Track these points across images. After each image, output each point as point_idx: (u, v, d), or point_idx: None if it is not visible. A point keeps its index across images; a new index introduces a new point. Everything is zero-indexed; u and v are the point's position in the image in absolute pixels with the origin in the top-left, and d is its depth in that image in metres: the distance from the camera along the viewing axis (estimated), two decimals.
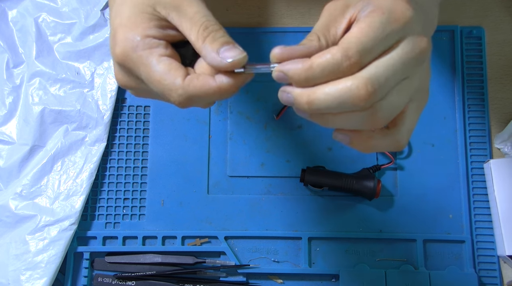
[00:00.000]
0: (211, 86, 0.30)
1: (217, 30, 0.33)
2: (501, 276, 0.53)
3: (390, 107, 0.29)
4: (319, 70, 0.28)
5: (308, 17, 0.59)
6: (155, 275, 0.53)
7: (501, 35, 0.58)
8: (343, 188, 0.52)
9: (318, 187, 0.53)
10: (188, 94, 0.30)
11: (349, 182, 0.52)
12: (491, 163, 0.53)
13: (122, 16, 0.32)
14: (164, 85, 0.30)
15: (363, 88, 0.28)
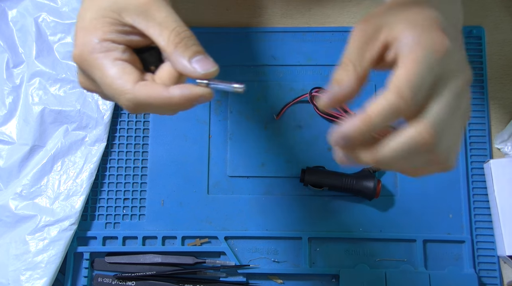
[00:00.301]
0: (161, 96, 0.30)
1: (189, 37, 0.32)
2: (501, 276, 0.53)
3: (449, 139, 0.29)
4: (379, 120, 0.28)
5: (308, 17, 0.59)
6: (155, 275, 0.53)
7: (501, 35, 0.58)
8: (343, 188, 0.52)
9: (318, 187, 0.53)
10: (136, 100, 0.30)
11: (349, 182, 0.52)
12: (491, 163, 0.53)
13: (85, 20, 0.32)
14: (114, 89, 0.30)
15: (426, 134, 0.28)
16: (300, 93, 0.56)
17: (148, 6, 0.32)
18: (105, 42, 0.31)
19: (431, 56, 0.28)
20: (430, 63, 0.28)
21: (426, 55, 0.28)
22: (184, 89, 0.30)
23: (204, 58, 0.32)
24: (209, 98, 0.31)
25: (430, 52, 0.28)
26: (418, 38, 0.29)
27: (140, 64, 0.33)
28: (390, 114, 0.28)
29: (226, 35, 0.59)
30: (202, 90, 0.31)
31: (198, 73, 0.31)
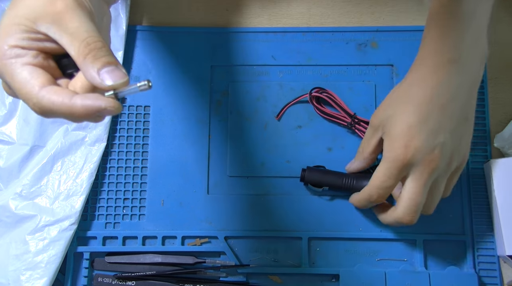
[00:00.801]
0: (63, 104, 0.30)
1: (100, 48, 0.31)
2: (501, 276, 0.53)
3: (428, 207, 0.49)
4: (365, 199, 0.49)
5: (308, 17, 0.59)
6: (155, 275, 0.53)
7: (501, 35, 0.58)
8: (343, 187, 0.52)
9: (318, 186, 0.53)
10: (41, 106, 0.30)
11: (349, 181, 0.52)
12: (491, 163, 0.53)
13: (1, 26, 0.32)
14: (22, 94, 0.31)
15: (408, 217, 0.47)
16: (300, 93, 0.56)
17: (62, 15, 0.32)
18: (15, 49, 0.31)
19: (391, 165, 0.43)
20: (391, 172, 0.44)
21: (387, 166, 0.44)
22: (87, 99, 0.30)
23: (114, 69, 0.31)
24: (115, 111, 0.31)
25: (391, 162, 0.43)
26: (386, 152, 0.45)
27: (57, 70, 0.33)
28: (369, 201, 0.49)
29: (226, 35, 0.59)
30: (106, 103, 0.30)
31: (104, 85, 0.31)
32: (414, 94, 0.42)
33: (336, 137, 0.56)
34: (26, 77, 0.31)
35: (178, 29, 0.59)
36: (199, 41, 0.59)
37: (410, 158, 0.41)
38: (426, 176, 0.43)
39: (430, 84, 0.42)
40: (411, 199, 0.44)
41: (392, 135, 0.42)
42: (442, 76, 0.42)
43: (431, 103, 0.42)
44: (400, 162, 0.42)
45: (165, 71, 0.58)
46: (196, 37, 0.59)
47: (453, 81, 0.42)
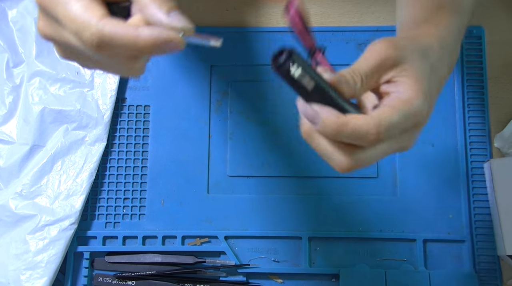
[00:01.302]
0: (128, 33, 0.28)
1: None
2: (501, 276, 0.53)
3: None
4: (349, 131, 0.31)
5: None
6: (155, 275, 0.53)
7: (501, 35, 0.58)
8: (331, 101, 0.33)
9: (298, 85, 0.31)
10: (101, 35, 0.28)
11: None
12: (491, 163, 0.53)
13: None
14: (78, 23, 0.28)
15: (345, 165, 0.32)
16: None
17: None
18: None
19: (413, 118, 0.32)
20: (408, 123, 0.32)
21: (410, 115, 0.32)
22: (154, 30, 0.29)
23: (180, 14, 0.31)
24: (179, 46, 0.30)
25: (413, 115, 0.32)
26: (412, 99, 0.33)
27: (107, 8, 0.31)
28: (358, 137, 0.31)
29: (226, 35, 0.59)
30: (174, 35, 0.29)
31: (175, 25, 0.30)
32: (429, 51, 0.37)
33: None
34: (84, 6, 0.28)
35: None
36: None
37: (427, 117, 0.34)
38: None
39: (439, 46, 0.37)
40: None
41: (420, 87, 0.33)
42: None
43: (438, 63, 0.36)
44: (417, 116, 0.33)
45: (165, 71, 0.58)
46: None
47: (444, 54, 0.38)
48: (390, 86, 0.34)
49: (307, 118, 0.31)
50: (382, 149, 0.33)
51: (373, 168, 0.55)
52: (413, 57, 0.34)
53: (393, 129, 0.31)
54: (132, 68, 0.32)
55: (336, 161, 0.32)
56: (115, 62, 0.31)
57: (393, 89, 0.33)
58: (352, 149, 0.32)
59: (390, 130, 0.31)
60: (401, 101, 0.32)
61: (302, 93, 0.32)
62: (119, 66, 0.32)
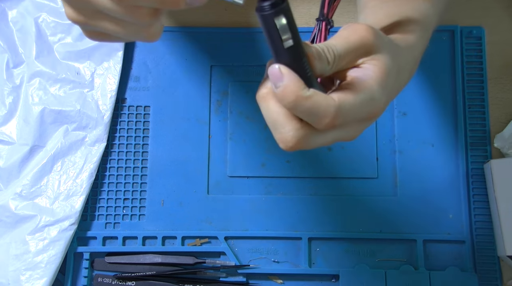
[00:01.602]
0: None
1: None
2: (501, 276, 0.53)
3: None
4: (307, 106, 0.29)
5: (308, 17, 0.59)
6: (155, 275, 0.53)
7: (501, 35, 0.58)
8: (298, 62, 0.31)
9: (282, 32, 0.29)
10: None
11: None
12: (491, 163, 0.53)
13: None
14: None
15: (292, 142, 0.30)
16: None
17: None
18: None
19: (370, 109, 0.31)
20: (365, 112, 0.31)
21: (369, 106, 0.31)
22: None
23: None
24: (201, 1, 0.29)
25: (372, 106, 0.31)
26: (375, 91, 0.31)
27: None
28: (314, 113, 0.29)
29: (226, 35, 0.59)
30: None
31: None
32: (400, 52, 0.36)
33: None
34: None
35: (178, 29, 0.59)
36: (199, 41, 0.59)
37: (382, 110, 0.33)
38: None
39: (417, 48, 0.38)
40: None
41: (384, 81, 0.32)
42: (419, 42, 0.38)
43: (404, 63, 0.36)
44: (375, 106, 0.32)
45: (165, 71, 0.58)
46: (196, 37, 0.59)
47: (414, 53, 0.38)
48: (355, 71, 0.32)
49: (271, 78, 0.30)
50: (332, 135, 0.31)
51: (373, 168, 0.55)
52: (387, 51, 0.33)
53: (350, 115, 0.30)
54: (150, 30, 0.31)
55: (284, 135, 0.30)
56: (135, 19, 0.30)
57: (358, 75, 0.32)
58: (303, 127, 0.30)
59: (347, 116, 0.30)
60: (364, 88, 0.31)
61: (276, 50, 0.30)
62: (137, 27, 0.31)
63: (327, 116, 0.29)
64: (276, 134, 0.31)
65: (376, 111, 0.32)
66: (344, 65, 0.32)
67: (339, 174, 0.55)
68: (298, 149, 0.31)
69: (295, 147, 0.30)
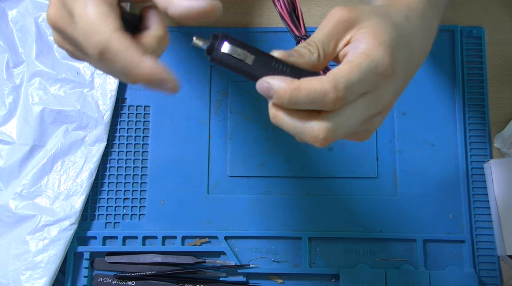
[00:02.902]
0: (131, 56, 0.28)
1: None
2: (501, 276, 0.53)
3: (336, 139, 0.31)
4: (304, 94, 0.29)
5: (308, 17, 0.59)
6: (155, 275, 0.53)
7: (501, 35, 0.58)
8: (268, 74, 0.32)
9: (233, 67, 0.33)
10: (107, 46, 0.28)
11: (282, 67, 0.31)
12: (491, 163, 0.53)
13: None
14: (91, 24, 0.28)
15: (321, 135, 0.30)
16: None
17: None
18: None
19: (373, 70, 0.30)
20: (369, 76, 0.30)
21: (369, 67, 0.30)
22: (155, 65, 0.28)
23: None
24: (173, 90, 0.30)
25: (373, 67, 0.30)
26: (371, 49, 0.31)
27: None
28: (316, 98, 0.29)
29: None
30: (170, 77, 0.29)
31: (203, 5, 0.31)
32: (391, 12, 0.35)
33: None
34: (103, 12, 0.28)
35: (178, 29, 0.59)
36: None
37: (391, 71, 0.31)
38: (379, 110, 0.32)
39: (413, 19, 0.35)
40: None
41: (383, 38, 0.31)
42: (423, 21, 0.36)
43: (405, 36, 0.34)
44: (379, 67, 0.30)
45: None
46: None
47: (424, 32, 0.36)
48: (348, 46, 0.32)
49: (263, 93, 0.30)
50: (354, 111, 0.30)
51: (373, 168, 0.55)
52: (370, 16, 0.32)
53: (354, 85, 0.29)
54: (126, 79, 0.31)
55: (310, 133, 0.30)
56: (108, 69, 0.31)
57: (350, 48, 0.31)
58: (322, 116, 0.30)
59: (351, 86, 0.29)
60: (359, 54, 0.30)
61: (247, 71, 0.30)
62: (111, 73, 0.31)
63: (328, 94, 0.29)
64: (305, 138, 0.31)
65: (382, 70, 0.30)
66: (334, 49, 0.32)
67: (339, 173, 0.55)
68: (331, 139, 0.30)
69: (328, 138, 0.30)
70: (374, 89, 0.30)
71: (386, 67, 0.30)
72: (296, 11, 0.43)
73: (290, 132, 0.31)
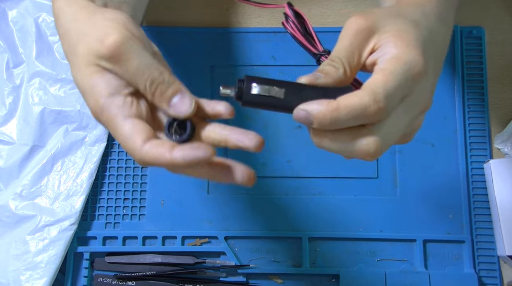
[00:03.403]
0: (165, 159, 0.31)
1: (162, 83, 0.33)
2: (501, 276, 0.53)
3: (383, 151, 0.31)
4: (345, 113, 0.29)
5: (308, 17, 0.59)
6: (155, 275, 0.53)
7: (501, 35, 0.58)
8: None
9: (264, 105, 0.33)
10: (145, 161, 0.31)
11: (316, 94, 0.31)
12: (491, 163, 0.53)
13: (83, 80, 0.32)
14: (125, 147, 0.32)
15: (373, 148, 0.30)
16: None
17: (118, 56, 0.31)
18: (110, 98, 0.31)
19: (408, 73, 0.29)
20: (405, 80, 0.29)
21: (404, 71, 0.29)
22: (185, 150, 0.30)
23: (180, 98, 0.33)
24: (210, 158, 0.32)
25: (407, 70, 0.29)
26: (401, 53, 0.30)
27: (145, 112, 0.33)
28: (358, 114, 0.28)
29: (226, 35, 0.59)
30: (204, 153, 0.31)
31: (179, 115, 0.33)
32: (413, 13, 0.34)
33: None
34: (129, 133, 0.31)
35: (178, 29, 0.59)
36: (199, 41, 0.59)
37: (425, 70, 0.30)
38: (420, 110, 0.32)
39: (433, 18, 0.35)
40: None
41: (407, 38, 0.31)
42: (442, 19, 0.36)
43: (430, 34, 0.34)
44: (413, 68, 0.30)
45: None
46: (196, 37, 0.59)
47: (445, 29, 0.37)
48: (375, 54, 0.31)
49: (302, 122, 0.30)
50: (398, 118, 0.30)
51: (373, 168, 0.55)
52: (388, 19, 0.32)
53: (393, 92, 0.29)
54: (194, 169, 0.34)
55: (361, 151, 0.30)
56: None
57: (379, 55, 0.31)
58: (368, 130, 0.30)
59: (390, 95, 0.29)
60: (390, 60, 0.30)
61: (281, 106, 0.31)
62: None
63: (369, 107, 0.28)
64: (357, 155, 0.31)
65: (417, 70, 0.30)
66: (359, 60, 0.32)
67: (339, 173, 0.55)
68: (382, 151, 0.30)
69: (378, 149, 0.30)
70: (412, 91, 0.30)
71: (420, 67, 0.30)
72: (307, 29, 0.43)
73: (339, 153, 0.32)
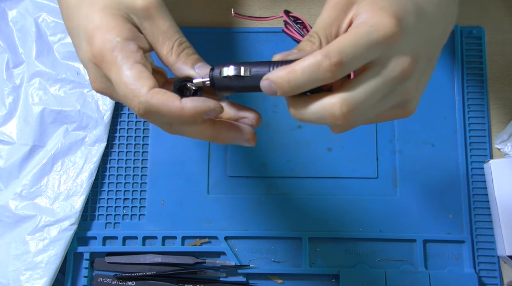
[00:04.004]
0: (173, 105, 0.30)
1: (189, 47, 0.34)
2: (501, 276, 0.53)
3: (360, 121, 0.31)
4: (300, 72, 0.28)
5: (308, 17, 0.59)
6: (155, 275, 0.53)
7: (501, 35, 0.58)
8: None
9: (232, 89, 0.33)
10: (148, 105, 0.30)
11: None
12: (491, 163, 0.53)
13: (94, 20, 0.32)
14: (129, 89, 0.30)
15: (338, 109, 0.29)
16: None
17: (152, 12, 0.32)
18: (126, 42, 0.31)
19: (372, 35, 0.28)
20: (368, 40, 0.28)
21: (367, 32, 0.28)
22: (196, 102, 0.30)
23: (204, 65, 0.34)
24: (220, 111, 0.31)
25: (372, 32, 0.28)
26: (369, 17, 0.29)
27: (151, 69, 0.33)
28: (313, 71, 0.28)
29: (226, 35, 0.59)
30: (214, 103, 0.30)
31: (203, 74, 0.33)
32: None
33: (335, 137, 0.56)
34: (137, 75, 0.30)
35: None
36: (199, 41, 0.59)
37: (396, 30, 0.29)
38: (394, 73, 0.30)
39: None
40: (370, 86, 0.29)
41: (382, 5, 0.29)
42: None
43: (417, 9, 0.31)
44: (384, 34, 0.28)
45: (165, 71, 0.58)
46: (196, 37, 0.59)
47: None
48: (352, 24, 0.31)
49: (268, 92, 0.30)
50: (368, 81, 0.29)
51: (373, 168, 0.55)
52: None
53: (349, 50, 0.28)
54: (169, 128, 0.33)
55: (328, 112, 0.29)
56: (159, 125, 0.33)
57: (353, 24, 0.30)
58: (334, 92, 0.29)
59: (344, 51, 0.28)
60: (357, 25, 0.29)
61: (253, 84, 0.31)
62: (162, 125, 0.33)
63: (321, 62, 0.28)
64: (326, 122, 0.30)
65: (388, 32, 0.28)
66: (337, 32, 0.31)
67: (339, 174, 0.55)
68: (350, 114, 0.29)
69: (345, 112, 0.29)
70: (385, 55, 0.29)
71: (388, 30, 0.29)
72: (308, 30, 0.44)
73: (315, 122, 0.30)
